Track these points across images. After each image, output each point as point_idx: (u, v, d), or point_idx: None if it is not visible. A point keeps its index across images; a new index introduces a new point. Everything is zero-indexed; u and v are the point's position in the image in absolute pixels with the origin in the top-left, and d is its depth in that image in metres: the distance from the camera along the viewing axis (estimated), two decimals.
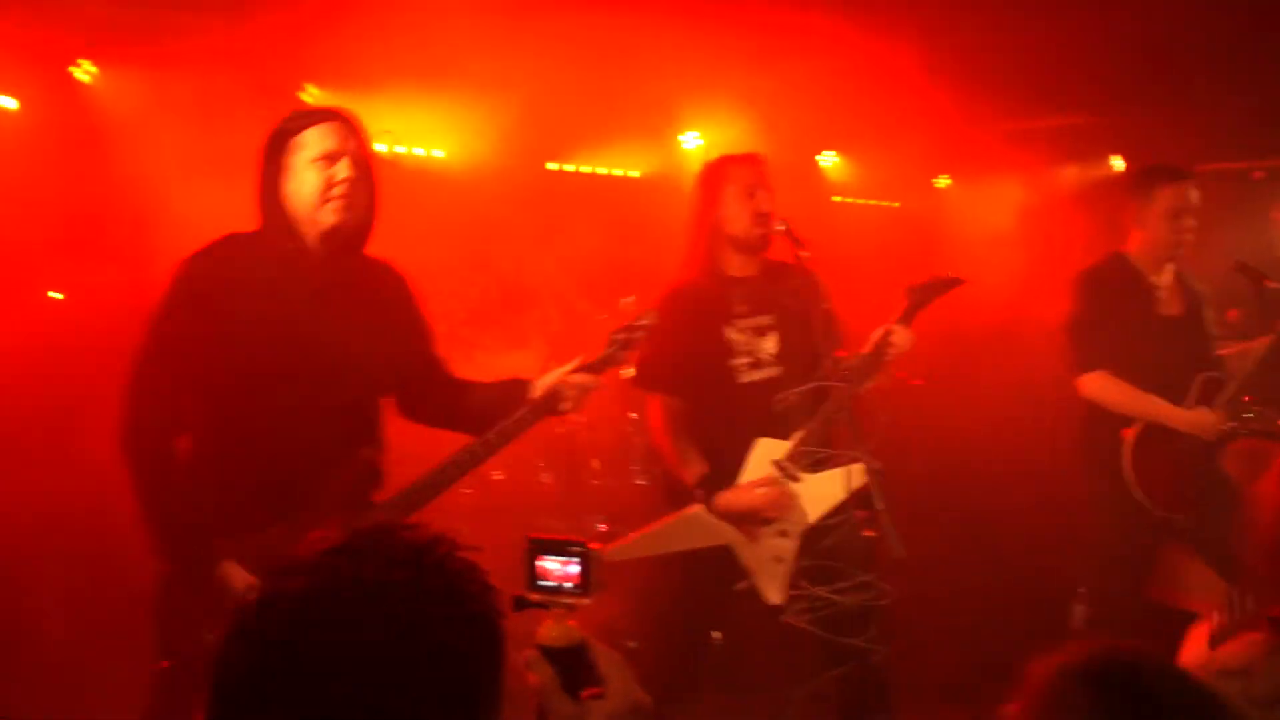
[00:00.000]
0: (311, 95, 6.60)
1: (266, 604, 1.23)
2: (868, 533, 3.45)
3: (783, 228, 4.00)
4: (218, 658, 1.24)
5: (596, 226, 7.75)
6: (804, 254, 3.92)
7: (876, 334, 3.95)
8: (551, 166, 7.73)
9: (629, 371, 4.12)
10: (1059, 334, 4.80)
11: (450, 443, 3.37)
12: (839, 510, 3.87)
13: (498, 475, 6.13)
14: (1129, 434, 4.61)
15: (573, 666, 1.50)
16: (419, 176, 7.07)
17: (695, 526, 3.96)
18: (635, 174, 8.00)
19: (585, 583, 1.54)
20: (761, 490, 3.86)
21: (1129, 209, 4.79)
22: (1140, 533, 4.65)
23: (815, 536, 3.88)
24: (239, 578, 3.04)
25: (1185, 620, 2.85)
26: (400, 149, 7.13)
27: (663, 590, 4.30)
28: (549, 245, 7.87)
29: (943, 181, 8.61)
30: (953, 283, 4.00)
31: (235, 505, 3.09)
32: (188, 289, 3.09)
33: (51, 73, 5.93)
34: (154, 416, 3.06)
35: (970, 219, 8.11)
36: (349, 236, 3.21)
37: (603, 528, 6.16)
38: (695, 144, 7.70)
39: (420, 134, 7.10)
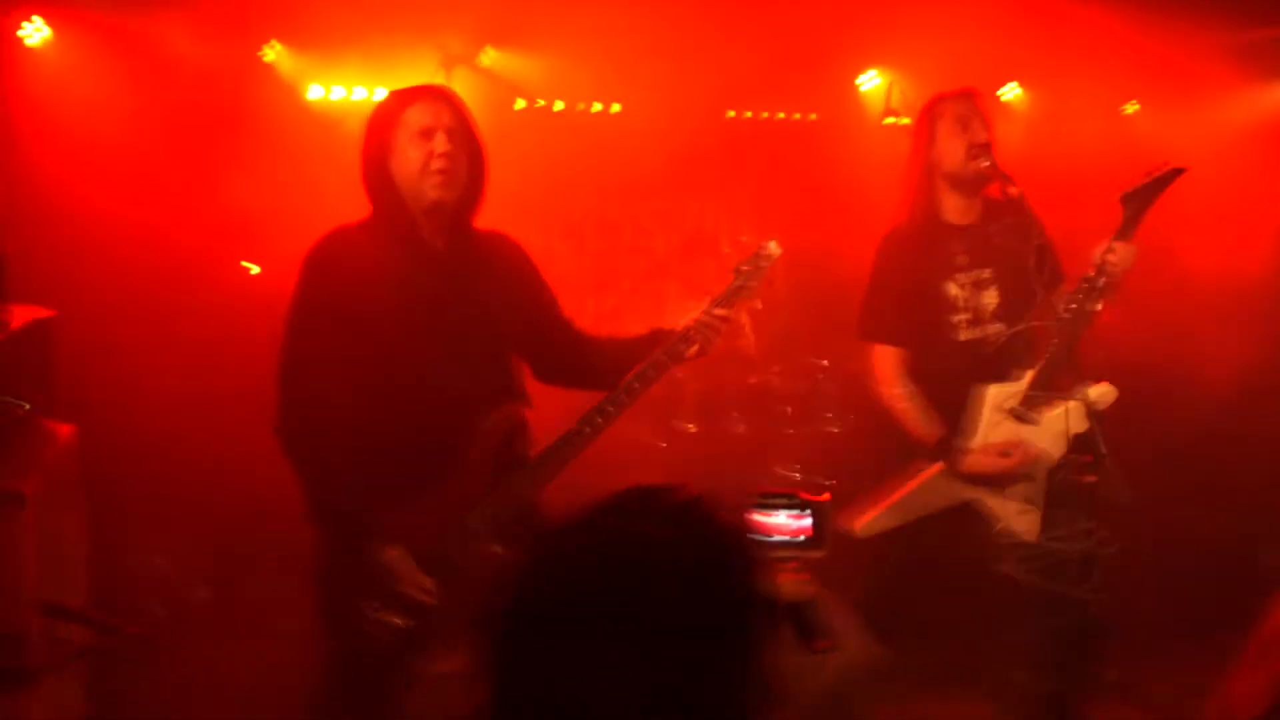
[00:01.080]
0: (489, 57, 6.64)
1: (541, 565, 1.26)
2: (1089, 478, 3.34)
3: (988, 163, 3.91)
4: (490, 641, 1.27)
5: (777, 172, 7.68)
6: (1013, 190, 3.82)
7: (1096, 255, 3.80)
8: (730, 114, 7.65)
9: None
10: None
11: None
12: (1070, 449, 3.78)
13: (691, 427, 6.15)
14: None
15: (805, 620, 1.51)
16: (597, 132, 7.07)
17: (939, 486, 3.92)
18: (814, 117, 7.87)
19: (819, 535, 1.55)
20: (1007, 455, 3.80)
21: None
22: None
23: (1051, 474, 3.81)
24: (403, 563, 3.12)
25: None
26: (580, 106, 7.14)
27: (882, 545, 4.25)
28: (729, 194, 7.85)
29: (1132, 107, 8.23)
30: (1171, 175, 3.73)
31: (390, 477, 3.17)
32: (317, 279, 3.21)
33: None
34: (307, 400, 3.16)
35: (1164, 147, 7.76)
36: (456, 209, 3.28)
37: (797, 476, 6.15)
38: (873, 84, 7.54)
39: (597, 89, 7.10)
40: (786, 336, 7.08)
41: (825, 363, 6.33)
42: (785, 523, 1.54)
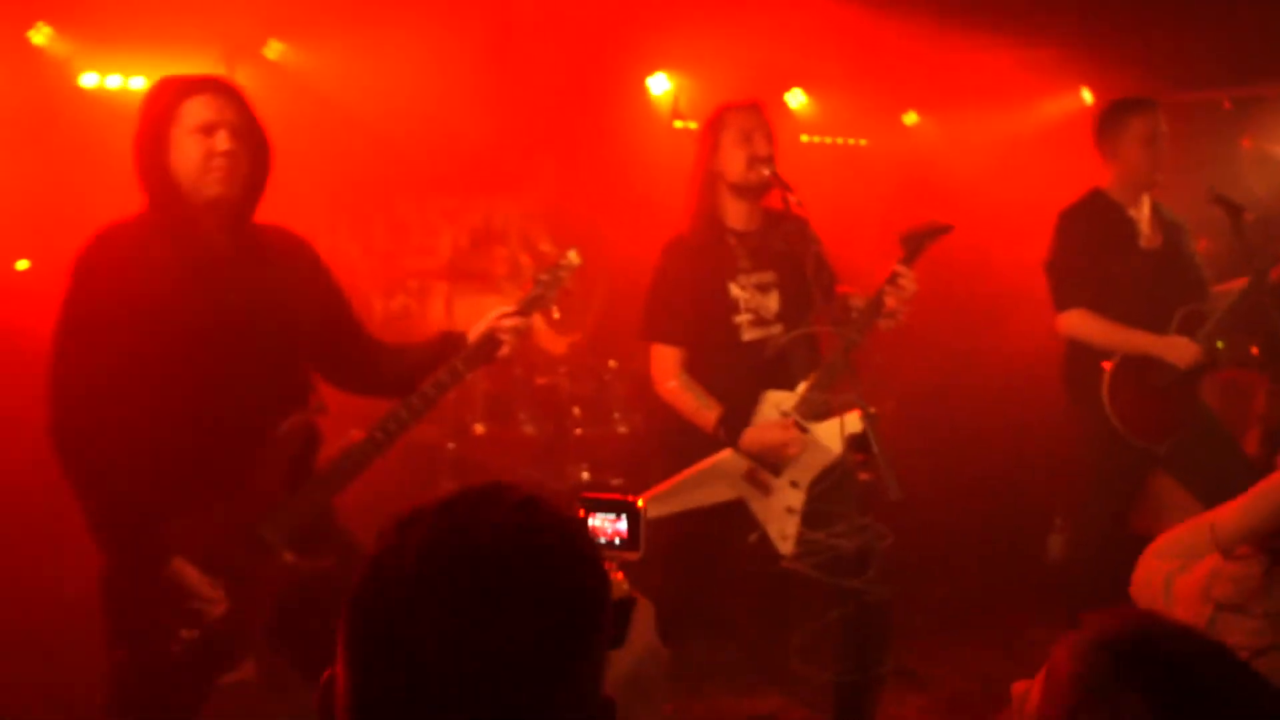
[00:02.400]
0: (275, 51, 6.48)
1: (395, 554, 1.27)
2: (863, 476, 3.47)
3: (768, 173, 4.01)
4: (349, 613, 1.28)
5: (567, 172, 7.72)
6: (793, 199, 3.92)
7: (882, 277, 3.94)
8: (522, 113, 7.64)
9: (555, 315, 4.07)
10: (1041, 273, 4.87)
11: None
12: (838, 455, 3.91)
13: (479, 429, 6.12)
14: (1108, 365, 4.68)
15: (618, 621, 1.56)
16: (385, 129, 6.97)
17: (717, 477, 3.98)
18: (604, 119, 7.92)
19: (634, 538, 1.60)
20: (783, 429, 3.88)
21: (1102, 143, 4.85)
22: (1121, 465, 4.77)
23: (815, 482, 3.91)
24: (190, 575, 3.01)
25: None
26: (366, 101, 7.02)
27: (667, 539, 4.33)
28: (519, 192, 7.85)
29: (911, 118, 8.58)
30: (943, 230, 3.99)
31: (175, 487, 3.06)
32: (90, 280, 3.04)
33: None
34: (79, 408, 3.00)
35: (939, 155, 8.12)
36: (239, 205, 3.18)
37: (585, 476, 6.18)
38: (663, 87, 7.64)
39: (386, 86, 7.00)
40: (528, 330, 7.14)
41: (613, 364, 6.38)
42: (602, 525, 1.60)
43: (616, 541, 1.61)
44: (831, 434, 3.86)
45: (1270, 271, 4.64)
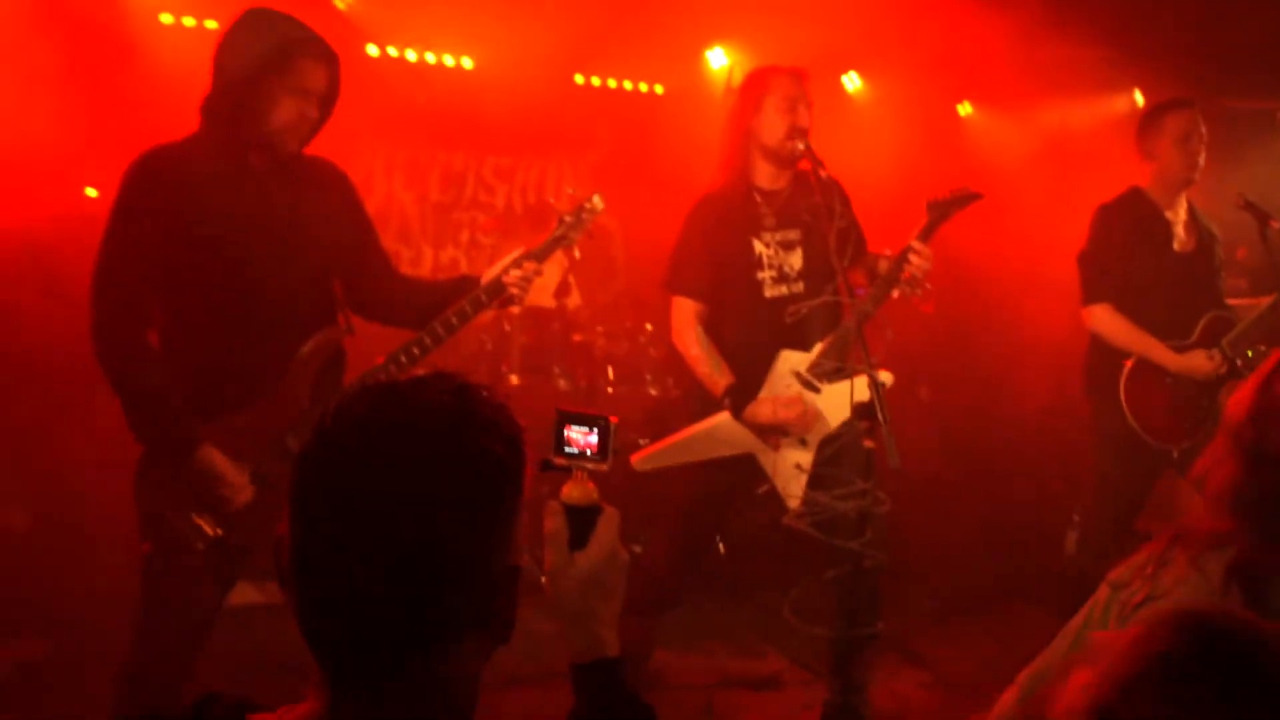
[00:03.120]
0: (344, 1, 6.63)
1: (340, 418, 1.44)
2: (868, 443, 3.57)
3: (803, 146, 4.09)
4: (296, 471, 1.44)
5: (621, 140, 7.83)
6: (824, 173, 4.01)
7: (898, 251, 4.06)
8: (579, 80, 7.76)
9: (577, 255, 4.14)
10: (1076, 265, 4.92)
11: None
12: (847, 420, 4.02)
13: (514, 380, 6.26)
14: (1129, 363, 4.73)
15: (584, 525, 1.70)
16: (448, 85, 7.12)
17: (722, 435, 4.11)
18: (660, 90, 8.03)
19: (603, 450, 1.72)
20: (788, 408, 4.00)
21: (1143, 142, 4.90)
22: (1136, 463, 4.79)
23: (823, 445, 4.03)
24: (219, 460, 3.19)
25: None
26: (430, 57, 7.17)
27: (673, 498, 4.47)
28: (571, 157, 7.97)
29: (965, 108, 8.61)
30: (972, 197, 4.06)
31: (208, 392, 3.23)
32: (140, 189, 3.20)
33: None
34: (121, 311, 3.17)
35: (991, 147, 8.15)
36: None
37: None
38: (720, 62, 7.72)
39: (450, 42, 7.15)
40: (616, 300, 7.27)
41: (649, 327, 6.50)
42: (575, 436, 1.71)
43: (588, 453, 1.73)
44: (844, 396, 3.96)
45: None
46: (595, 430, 1.73)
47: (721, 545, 5.75)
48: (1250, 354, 5.79)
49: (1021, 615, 5.84)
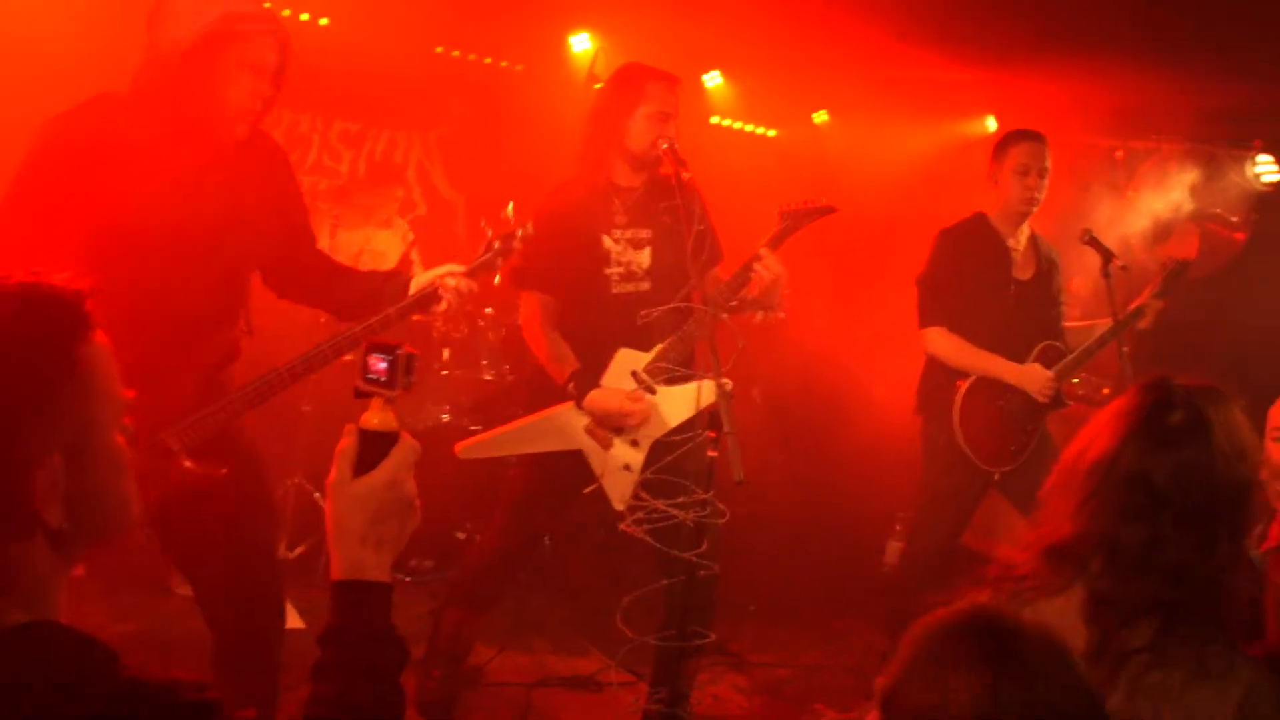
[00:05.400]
0: None
1: None
2: (711, 453, 3.53)
3: (666, 145, 4.04)
4: None
5: (474, 116, 7.68)
6: (685, 174, 3.96)
7: (748, 258, 4.03)
8: (438, 50, 7.57)
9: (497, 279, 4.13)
10: (915, 286, 4.98)
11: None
12: (687, 427, 3.99)
13: (348, 356, 6.06)
14: (963, 385, 4.81)
15: (376, 450, 1.72)
16: (301, 42, 6.84)
17: (552, 428, 4.06)
18: (520, 68, 7.90)
19: (392, 379, 1.76)
20: (631, 399, 3.95)
21: (989, 169, 4.98)
22: (963, 482, 4.89)
23: (661, 450, 3.98)
24: None
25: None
26: (285, 11, 6.89)
27: (505, 488, 4.38)
28: (422, 128, 7.79)
29: (821, 116, 8.70)
30: (825, 210, 4.09)
31: None
32: (55, 146, 3.00)
33: None
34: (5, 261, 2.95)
35: (844, 159, 8.24)
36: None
37: (445, 418, 6.18)
38: (584, 46, 7.62)
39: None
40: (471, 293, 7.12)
41: (489, 310, 6.38)
42: (374, 364, 1.76)
43: (382, 379, 1.76)
44: (682, 400, 3.94)
45: (1132, 318, 4.82)
46: (387, 359, 1.77)
47: (547, 540, 5.68)
48: (1076, 381, 5.95)
49: (843, 624, 5.91)
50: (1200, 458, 2.10)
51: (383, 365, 1.76)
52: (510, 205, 3.62)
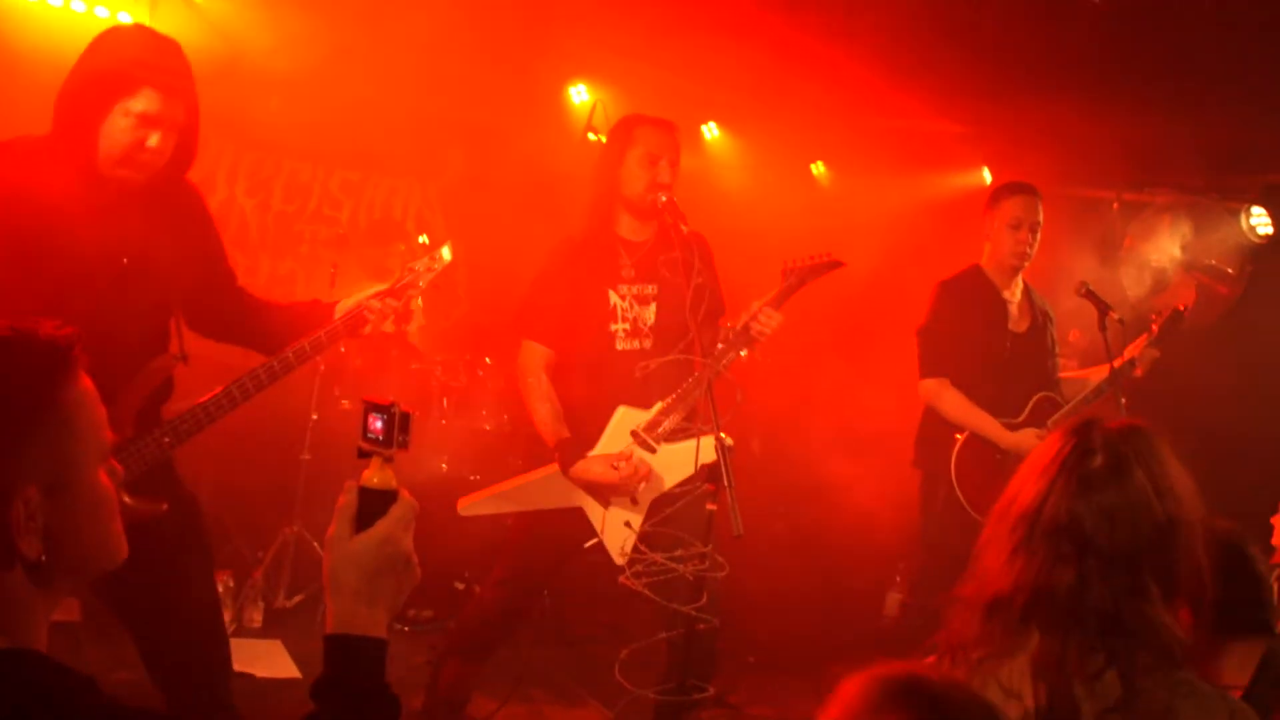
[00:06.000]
0: None
1: None
2: (710, 506, 3.53)
3: (664, 199, 4.06)
4: None
5: (474, 167, 7.72)
6: (684, 228, 3.98)
7: (746, 313, 4.04)
8: (438, 103, 7.62)
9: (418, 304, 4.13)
10: (913, 337, 5.00)
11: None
12: (686, 481, 3.98)
13: (345, 404, 6.10)
14: (960, 437, 4.81)
15: (375, 508, 1.74)
16: (303, 93, 6.92)
17: (552, 487, 4.03)
18: (518, 121, 7.94)
19: (388, 437, 1.78)
20: (615, 469, 3.93)
21: (984, 222, 5.01)
22: (961, 532, 4.85)
23: (660, 504, 3.97)
24: None
25: None
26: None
27: (505, 541, 4.37)
28: (422, 179, 7.83)
29: (819, 168, 8.75)
30: (830, 265, 4.08)
31: None
32: None
33: None
34: None
35: (842, 210, 8.27)
36: (139, 184, 3.18)
37: (444, 468, 6.18)
38: (583, 98, 7.69)
39: (309, 51, 6.93)
40: (455, 330, 7.15)
41: (488, 360, 6.40)
42: (369, 422, 1.80)
43: (380, 438, 1.79)
44: (682, 458, 3.92)
45: (1128, 368, 4.83)
46: (383, 418, 1.80)
47: (547, 593, 5.66)
48: None
49: (841, 675, 5.85)
50: (1121, 499, 2.09)
51: (379, 424, 1.79)
52: (446, 247, 3.61)
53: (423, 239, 3.49)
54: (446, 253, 3.58)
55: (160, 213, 3.25)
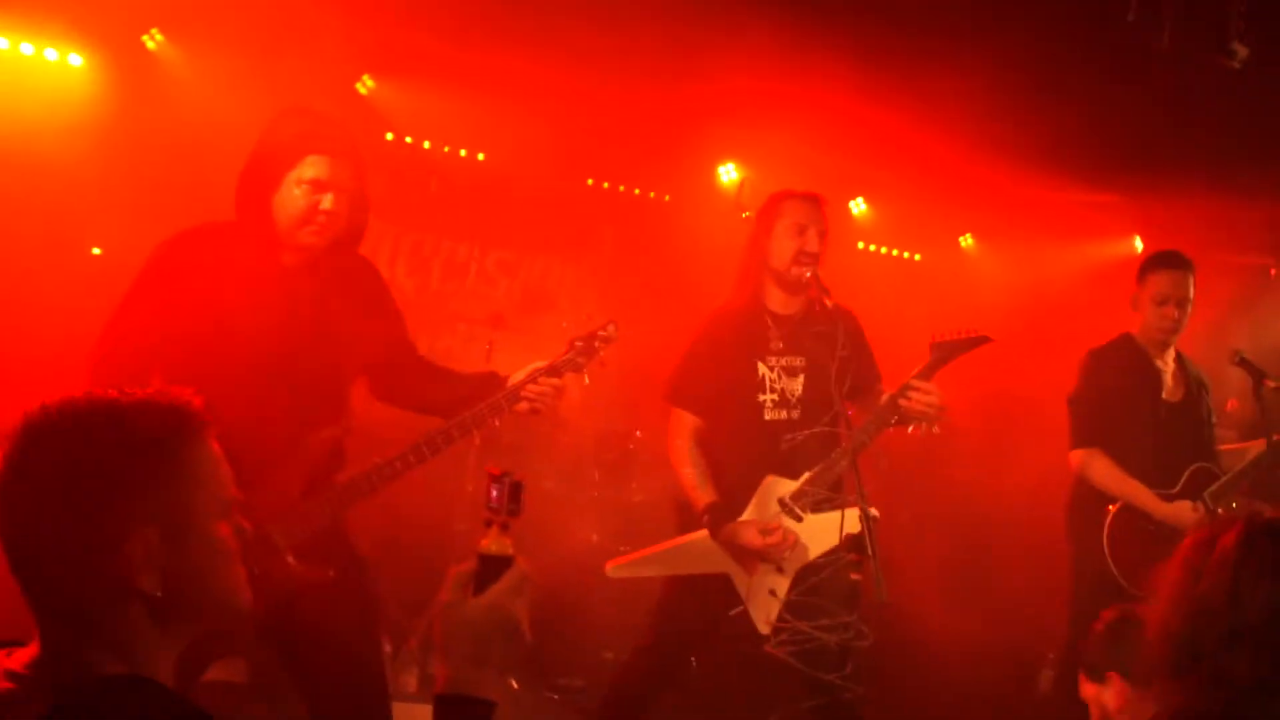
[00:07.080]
0: (366, 86, 6.73)
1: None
2: (855, 575, 3.56)
3: (810, 274, 4.13)
4: None
5: (625, 244, 7.90)
6: (828, 301, 4.04)
7: (896, 388, 4.05)
8: (589, 182, 7.85)
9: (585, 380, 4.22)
10: (1066, 406, 4.95)
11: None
12: (831, 551, 3.99)
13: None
14: (1113, 508, 4.74)
15: (492, 573, 1.81)
16: (459, 176, 7.20)
17: (698, 552, 4.09)
18: (668, 198, 8.12)
19: (506, 505, 1.86)
20: (764, 535, 3.95)
21: (1134, 292, 4.95)
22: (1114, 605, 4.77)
23: (805, 573, 4.00)
24: None
25: None
26: (445, 148, 7.25)
27: (652, 607, 4.44)
28: (576, 257, 8.04)
29: (967, 240, 8.73)
30: (979, 341, 4.08)
31: None
32: (162, 266, 3.25)
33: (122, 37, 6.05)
34: (118, 379, 3.14)
35: (990, 282, 8.24)
36: (322, 252, 3.35)
37: (595, 539, 6.27)
38: (731, 176, 7.83)
39: (466, 135, 7.23)
40: (607, 403, 7.27)
41: (639, 433, 6.49)
42: (490, 490, 1.88)
43: (497, 506, 1.87)
44: (827, 527, 3.95)
45: None
46: (499, 487, 1.87)
47: (694, 660, 5.69)
48: (1235, 505, 5.80)
49: None
50: None
51: (495, 493, 1.88)
52: (611, 324, 3.68)
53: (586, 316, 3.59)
54: (612, 330, 3.65)
55: (340, 283, 3.42)
